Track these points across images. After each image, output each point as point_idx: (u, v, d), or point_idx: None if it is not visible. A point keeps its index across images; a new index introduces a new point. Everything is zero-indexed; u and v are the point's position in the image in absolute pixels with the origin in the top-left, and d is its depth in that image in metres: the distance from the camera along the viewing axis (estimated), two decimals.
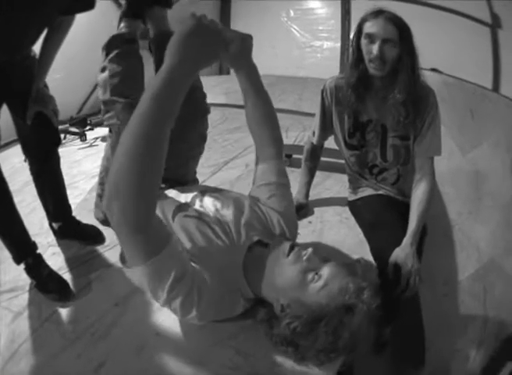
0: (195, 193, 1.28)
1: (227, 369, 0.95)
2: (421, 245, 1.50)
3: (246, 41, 1.10)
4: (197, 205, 1.21)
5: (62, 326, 1.24)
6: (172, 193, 1.34)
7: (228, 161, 2.48)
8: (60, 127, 3.12)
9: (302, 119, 3.13)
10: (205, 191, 1.30)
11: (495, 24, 3.50)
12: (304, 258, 0.97)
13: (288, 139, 2.65)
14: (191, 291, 0.91)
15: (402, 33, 1.34)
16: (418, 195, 1.47)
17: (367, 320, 0.88)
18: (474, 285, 2.07)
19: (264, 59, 4.74)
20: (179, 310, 0.93)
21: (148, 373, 0.98)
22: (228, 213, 1.16)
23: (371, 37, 1.36)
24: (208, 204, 1.21)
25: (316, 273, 0.94)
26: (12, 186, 1.50)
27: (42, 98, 1.44)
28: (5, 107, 1.44)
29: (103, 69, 1.35)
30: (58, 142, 1.61)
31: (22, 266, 1.43)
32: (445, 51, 3.71)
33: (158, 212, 0.91)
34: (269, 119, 1.29)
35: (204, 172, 1.70)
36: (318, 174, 2.10)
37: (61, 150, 2.84)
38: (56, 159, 1.63)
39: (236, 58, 1.14)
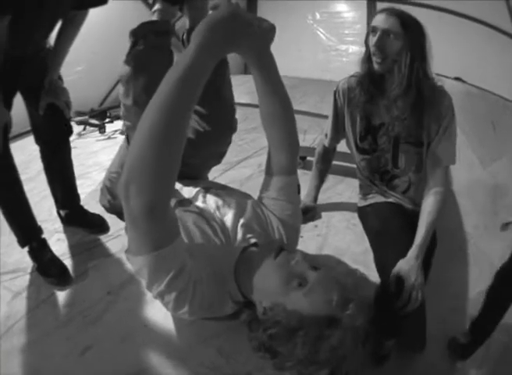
0: (199, 188, 1.26)
1: (206, 368, 0.95)
2: (429, 258, 1.44)
3: (270, 32, 1.01)
4: (199, 201, 1.19)
5: (57, 308, 1.28)
6: (176, 186, 1.31)
7: (241, 160, 2.47)
8: (80, 119, 3.23)
9: (321, 121, 3.10)
10: (210, 187, 1.28)
11: None
12: (292, 262, 0.92)
13: (305, 142, 2.64)
14: (187, 287, 0.89)
15: (406, 27, 1.30)
16: (429, 205, 1.41)
17: (352, 336, 0.82)
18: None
19: (289, 61, 4.75)
20: (172, 304, 0.92)
21: (130, 362, 0.99)
22: (228, 212, 1.13)
23: (374, 30, 1.35)
24: (210, 201, 1.19)
25: (302, 280, 0.89)
26: (27, 173, 1.53)
27: (55, 90, 1.46)
28: (20, 97, 1.47)
29: (127, 62, 1.23)
30: (69, 133, 1.63)
31: (25, 249, 1.46)
32: (469, 61, 3.66)
33: None
34: (284, 121, 1.15)
35: (215, 169, 1.69)
36: (331, 178, 2.06)
37: (79, 141, 2.92)
38: (67, 149, 1.66)
39: (254, 49, 1.01)
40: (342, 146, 1.72)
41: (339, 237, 1.61)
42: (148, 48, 1.21)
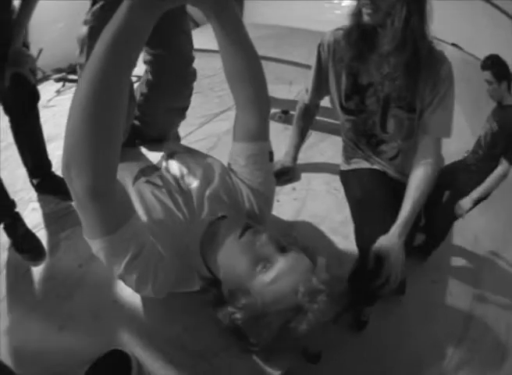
0: (162, 154, 1.17)
1: (171, 346, 0.92)
2: (414, 230, 1.36)
3: None
4: (162, 169, 1.11)
5: (33, 285, 1.23)
6: (142, 150, 1.24)
7: (220, 112, 2.30)
8: (59, 76, 3.12)
9: (308, 72, 2.93)
10: (174, 152, 1.18)
11: None
12: (258, 244, 0.85)
13: (290, 93, 2.49)
14: (147, 268, 0.85)
15: None
16: (417, 178, 1.29)
17: (317, 326, 0.78)
18: (465, 276, 2.03)
19: (278, 11, 4.49)
20: (135, 286, 0.88)
21: (101, 339, 0.97)
22: (194, 181, 1.06)
23: None
24: (175, 168, 1.12)
25: (268, 263, 0.82)
26: (5, 141, 1.55)
27: (20, 59, 1.42)
28: None
29: (86, 22, 1.17)
30: (36, 99, 1.57)
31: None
32: (466, 34, 3.44)
33: (118, 177, 0.80)
34: (251, 82, 1.02)
35: (192, 123, 1.54)
36: (314, 135, 1.95)
37: (58, 98, 2.79)
38: (35, 117, 1.61)
39: (206, 3, 0.87)
40: (327, 101, 1.56)
41: (319, 203, 1.49)
42: (105, 7, 1.10)
